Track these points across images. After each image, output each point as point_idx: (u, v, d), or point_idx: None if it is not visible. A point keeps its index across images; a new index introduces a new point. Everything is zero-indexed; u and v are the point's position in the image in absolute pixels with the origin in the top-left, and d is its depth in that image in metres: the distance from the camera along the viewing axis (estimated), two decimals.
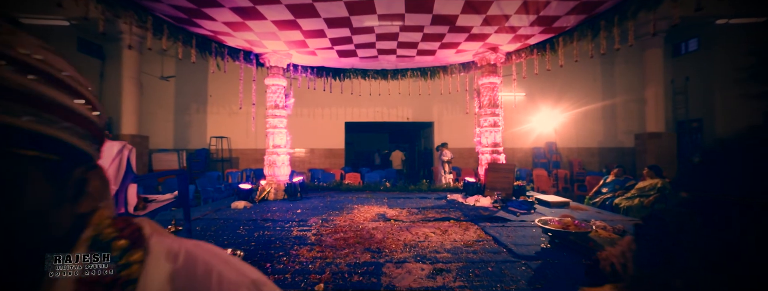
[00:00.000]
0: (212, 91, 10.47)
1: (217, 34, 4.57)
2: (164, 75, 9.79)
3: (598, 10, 3.97)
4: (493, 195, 4.64)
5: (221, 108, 10.51)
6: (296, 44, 4.92)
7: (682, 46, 10.83)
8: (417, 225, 3.35)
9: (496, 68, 5.33)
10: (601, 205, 5.26)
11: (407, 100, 9.88)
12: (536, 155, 10.32)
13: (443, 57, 5.62)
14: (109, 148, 1.89)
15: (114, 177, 1.86)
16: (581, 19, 4.20)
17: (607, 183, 6.00)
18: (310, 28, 4.33)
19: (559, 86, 10.27)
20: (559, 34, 4.61)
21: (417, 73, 6.24)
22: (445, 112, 10.43)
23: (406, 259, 2.37)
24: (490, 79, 5.29)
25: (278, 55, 5.27)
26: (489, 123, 5.27)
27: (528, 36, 4.72)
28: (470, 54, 5.43)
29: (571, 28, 4.44)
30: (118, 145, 1.92)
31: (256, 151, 10.42)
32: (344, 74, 6.36)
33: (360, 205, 4.41)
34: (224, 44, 4.98)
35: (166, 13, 3.92)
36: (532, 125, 10.36)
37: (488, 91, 5.29)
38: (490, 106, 5.29)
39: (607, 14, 3.99)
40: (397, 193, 5.53)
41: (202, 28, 4.39)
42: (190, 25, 4.27)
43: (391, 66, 6.17)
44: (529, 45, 5.07)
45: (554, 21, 4.24)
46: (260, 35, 4.58)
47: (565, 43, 4.62)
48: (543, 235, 2.92)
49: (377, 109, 10.37)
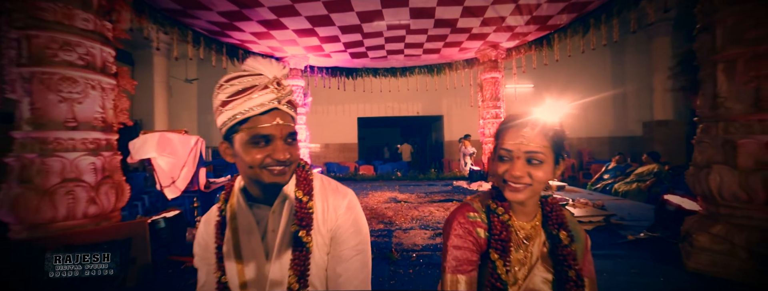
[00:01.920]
0: None
1: (244, 42, 5.26)
2: (188, 78, 10.67)
3: (587, 9, 4.42)
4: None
5: None
6: (313, 49, 5.57)
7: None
8: (423, 205, 3.97)
9: (497, 64, 5.82)
10: (602, 190, 5.72)
11: (417, 95, 10.40)
12: None
13: (448, 55, 6.15)
14: (187, 141, 2.59)
15: (192, 163, 2.56)
16: (573, 16, 4.65)
17: (609, 170, 6.44)
18: (326, 34, 4.96)
19: (567, 77, 10.55)
20: (554, 31, 5.07)
21: (424, 69, 6.80)
22: (454, 105, 10.91)
23: (412, 227, 3.00)
24: (492, 74, 5.79)
25: (297, 58, 5.94)
26: (491, 115, 5.79)
27: (525, 33, 5.19)
28: (473, 51, 5.93)
29: (565, 25, 4.89)
30: (194, 138, 2.62)
31: None
32: (356, 73, 6.98)
33: (374, 191, 5.05)
34: (249, 50, 5.68)
35: (203, 27, 4.63)
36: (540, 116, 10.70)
37: (490, 86, 5.80)
38: (492, 100, 5.80)
39: (595, 13, 4.43)
40: (408, 182, 6.15)
41: (232, 38, 5.09)
42: (222, 36, 4.97)
43: (399, 64, 6.74)
44: (528, 41, 5.53)
45: (548, 19, 4.70)
46: (282, 42, 5.25)
47: (560, 39, 5.07)
48: None
49: (388, 104, 10.95)
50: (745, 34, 1.77)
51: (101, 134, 2.03)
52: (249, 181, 0.72)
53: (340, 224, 0.75)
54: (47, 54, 1.78)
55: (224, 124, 0.66)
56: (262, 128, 0.64)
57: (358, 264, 0.74)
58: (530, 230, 0.77)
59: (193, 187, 2.70)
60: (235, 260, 0.72)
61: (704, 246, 1.89)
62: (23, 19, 1.70)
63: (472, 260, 0.73)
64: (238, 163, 0.69)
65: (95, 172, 1.95)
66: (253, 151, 0.65)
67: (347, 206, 0.76)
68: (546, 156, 0.71)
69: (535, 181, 0.70)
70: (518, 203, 0.75)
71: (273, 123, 0.64)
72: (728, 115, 1.87)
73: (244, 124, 0.64)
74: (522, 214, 0.77)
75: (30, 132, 1.77)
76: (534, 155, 0.70)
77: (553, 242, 0.75)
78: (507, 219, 0.74)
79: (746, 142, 1.77)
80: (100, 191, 1.97)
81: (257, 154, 0.64)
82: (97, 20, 2.00)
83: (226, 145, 0.70)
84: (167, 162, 2.48)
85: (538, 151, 0.70)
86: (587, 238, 0.79)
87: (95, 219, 1.97)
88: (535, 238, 0.77)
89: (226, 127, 0.66)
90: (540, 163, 0.70)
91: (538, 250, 0.76)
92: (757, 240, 1.70)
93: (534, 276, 0.74)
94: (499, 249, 0.71)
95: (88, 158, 1.93)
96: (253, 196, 0.74)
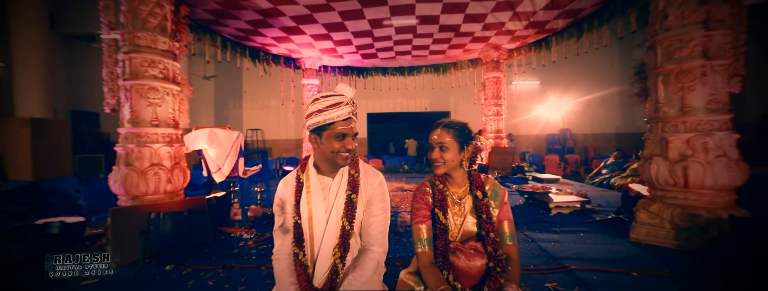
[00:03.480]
0: (246, 88, 12.05)
1: (265, 45, 5.91)
2: (207, 75, 11.45)
3: (580, 15, 4.90)
4: (494, 173, 5.75)
5: (254, 103, 12.09)
6: (328, 51, 6.19)
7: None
8: None
9: (499, 64, 6.33)
10: (600, 184, 6.21)
11: (425, 92, 10.94)
12: (551, 141, 11.10)
13: (453, 55, 6.68)
14: (230, 135, 3.25)
15: (234, 154, 3.21)
16: (569, 21, 5.13)
17: (607, 165, 6.91)
18: (339, 38, 5.56)
19: (573, 74, 10.90)
20: (552, 34, 5.55)
21: (431, 69, 7.35)
22: (461, 101, 11.41)
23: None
24: (494, 74, 6.31)
25: (312, 59, 6.57)
26: (493, 112, 6.33)
27: (525, 36, 5.69)
28: (476, 52, 6.45)
29: (562, 29, 5.37)
30: (235, 133, 3.27)
31: (287, 142, 11.96)
32: (367, 72, 7.58)
33: None
34: (269, 52, 6.33)
35: (231, 33, 5.29)
36: (545, 112, 11.12)
37: (492, 85, 6.33)
38: (493, 98, 6.33)
39: (589, 18, 4.90)
40: (414, 174, 6.76)
41: (254, 42, 5.75)
42: (246, 40, 5.63)
43: (407, 64, 7.31)
44: (528, 43, 6.02)
45: (545, 24, 5.20)
46: (299, 45, 5.88)
47: (558, 42, 5.55)
48: (521, 198, 4.06)
49: (397, 100, 11.52)
50: (674, 54, 2.30)
51: (173, 130, 2.70)
52: (324, 160, 1.16)
53: (373, 193, 1.20)
54: (140, 70, 2.45)
55: (316, 123, 1.08)
56: (341, 129, 1.08)
57: (381, 218, 1.19)
58: (461, 193, 1.24)
59: (234, 173, 3.36)
60: (307, 209, 1.16)
61: (643, 221, 2.45)
62: (127, 45, 2.36)
63: (427, 215, 1.21)
64: (322, 149, 1.12)
65: (170, 159, 2.62)
66: (334, 143, 1.09)
67: (378, 182, 1.22)
68: (451, 145, 1.17)
69: (446, 160, 1.17)
70: (448, 176, 1.23)
71: (348, 126, 1.09)
72: (664, 118, 2.41)
73: (331, 126, 1.08)
74: (455, 184, 1.25)
75: (130, 128, 2.45)
76: (442, 144, 1.17)
77: (475, 199, 1.22)
78: (442, 188, 1.23)
79: (674, 139, 2.32)
80: (174, 173, 2.64)
81: (336, 145, 1.09)
82: (170, 42, 2.65)
83: (315, 137, 1.12)
84: (215, 152, 3.14)
85: (446, 141, 1.17)
86: (504, 195, 1.27)
87: (170, 195, 2.65)
88: (465, 198, 1.24)
89: (317, 125, 1.09)
90: (447, 149, 1.17)
91: (469, 205, 1.22)
92: (677, 214, 2.25)
93: (467, 221, 1.21)
94: (439, 206, 1.20)
95: (166, 148, 2.60)
96: (321, 170, 1.20)
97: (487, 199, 1.21)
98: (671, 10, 2.29)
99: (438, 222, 1.19)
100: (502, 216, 1.22)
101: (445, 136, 1.18)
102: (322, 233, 1.16)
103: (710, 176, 2.15)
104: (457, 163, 1.20)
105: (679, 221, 2.24)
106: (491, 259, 1.15)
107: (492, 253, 1.15)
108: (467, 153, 1.21)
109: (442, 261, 1.16)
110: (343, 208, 1.15)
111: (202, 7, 4.29)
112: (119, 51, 2.36)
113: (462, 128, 1.21)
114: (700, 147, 2.19)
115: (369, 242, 1.18)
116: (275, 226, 1.23)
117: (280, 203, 1.23)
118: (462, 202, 1.24)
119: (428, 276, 1.13)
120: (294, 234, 1.16)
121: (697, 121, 2.23)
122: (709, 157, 2.17)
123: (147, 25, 2.47)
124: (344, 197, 1.16)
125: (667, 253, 2.19)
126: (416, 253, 1.21)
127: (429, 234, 1.20)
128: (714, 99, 2.18)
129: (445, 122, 1.21)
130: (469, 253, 1.18)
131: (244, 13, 4.57)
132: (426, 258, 1.18)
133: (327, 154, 1.13)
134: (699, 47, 2.20)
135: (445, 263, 1.16)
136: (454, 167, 1.21)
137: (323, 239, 1.15)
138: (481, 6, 4.49)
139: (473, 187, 1.23)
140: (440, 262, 1.16)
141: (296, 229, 1.17)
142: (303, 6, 4.37)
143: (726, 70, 2.17)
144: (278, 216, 1.22)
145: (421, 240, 1.19)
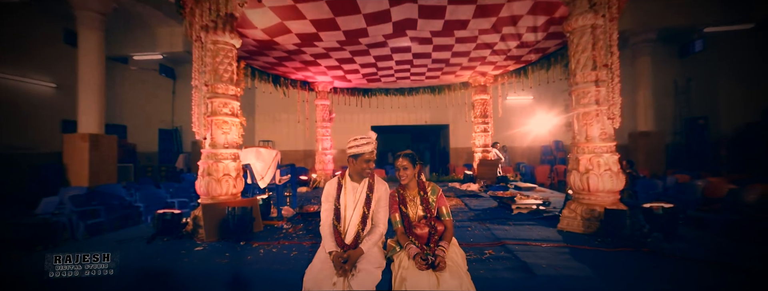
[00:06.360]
0: (259, 103, 13.40)
1: (286, 73, 7.25)
2: None
3: (548, 51, 6.16)
4: (480, 182, 6.94)
5: (266, 116, 13.43)
6: (338, 78, 7.51)
7: (689, 46, 12.32)
8: None
9: (486, 88, 7.60)
10: None
11: (425, 106, 12.20)
12: (544, 152, 12.26)
13: (446, 79, 7.97)
14: (271, 153, 4.50)
15: (274, 167, 4.45)
16: (539, 56, 6.40)
17: None
18: (349, 68, 6.88)
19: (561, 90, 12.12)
20: (528, 64, 6.82)
21: (427, 89, 8.66)
22: (459, 115, 12.67)
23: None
24: (481, 96, 7.57)
25: (324, 83, 7.89)
26: (480, 129, 7.56)
27: (506, 65, 6.97)
28: (466, 77, 7.74)
29: (535, 61, 6.64)
30: (275, 151, 4.53)
31: (296, 153, 13.23)
32: (371, 92, 8.88)
33: None
34: (288, 78, 7.67)
35: (259, 65, 6.62)
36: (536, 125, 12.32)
37: (480, 105, 7.58)
38: (481, 117, 7.57)
39: (554, 54, 6.16)
40: None
41: (277, 71, 7.09)
42: (271, 69, 6.98)
43: (407, 85, 8.60)
44: (509, 71, 7.30)
45: (521, 57, 6.47)
46: (314, 73, 7.20)
47: (534, 70, 6.81)
48: (494, 202, 5.25)
49: (399, 114, 12.80)
50: (581, 100, 3.53)
51: (235, 150, 3.96)
52: (355, 173, 2.33)
53: (381, 195, 2.32)
54: (217, 109, 3.72)
55: (354, 152, 2.26)
56: (367, 156, 2.27)
57: (383, 211, 2.35)
58: (414, 193, 2.39)
59: (272, 181, 4.60)
60: (344, 200, 2.38)
61: (565, 215, 3.63)
62: (209, 92, 3.65)
63: (396, 208, 2.37)
64: (355, 167, 2.29)
65: (235, 171, 3.87)
66: (362, 164, 2.27)
67: (384, 189, 2.36)
68: (408, 166, 2.33)
69: (407, 176, 2.33)
70: (407, 185, 2.39)
71: (371, 155, 2.28)
72: (578, 143, 3.62)
73: (361, 154, 2.27)
74: (409, 188, 2.39)
75: (210, 150, 3.71)
76: (405, 167, 2.33)
77: (421, 197, 2.42)
78: (403, 192, 2.39)
79: (582, 158, 3.52)
80: (236, 181, 3.89)
81: (364, 165, 2.27)
82: (235, 88, 3.93)
83: (352, 159, 2.29)
84: (260, 166, 4.37)
85: (405, 165, 2.34)
86: (439, 191, 2.51)
87: (234, 196, 3.89)
88: (416, 197, 2.42)
89: (354, 153, 2.27)
90: (406, 169, 2.33)
91: (419, 201, 2.39)
92: (584, 209, 3.44)
93: (418, 210, 2.33)
94: (400, 201, 2.38)
95: (232, 163, 3.85)
96: (353, 178, 2.35)
97: (428, 195, 2.42)
98: (578, 71, 3.52)
99: (403, 211, 2.40)
100: (440, 203, 2.43)
101: (405, 161, 2.38)
102: (350, 215, 2.36)
103: (601, 183, 3.34)
104: (412, 176, 2.42)
105: (584, 214, 3.42)
106: (431, 228, 2.35)
107: (431, 225, 2.36)
108: (417, 169, 2.43)
109: (408, 231, 2.37)
110: (364, 201, 2.28)
111: (242, 49, 5.61)
112: (205, 97, 3.63)
113: (413, 156, 2.43)
114: (596, 164, 3.39)
115: (376, 223, 2.34)
116: (322, 208, 2.45)
117: (326, 195, 2.41)
118: (415, 199, 2.44)
119: (402, 239, 2.33)
120: (334, 213, 2.35)
121: (594, 147, 3.44)
122: (600, 171, 3.36)
123: (222, 78, 3.75)
124: (365, 195, 2.31)
125: (575, 235, 3.37)
126: (395, 229, 2.42)
127: (400, 218, 2.40)
128: (603, 132, 3.40)
129: (404, 153, 2.43)
130: (421, 226, 2.39)
131: (273, 52, 5.89)
132: (400, 230, 2.38)
133: (358, 170, 2.35)
134: (593, 97, 3.42)
135: (410, 232, 2.36)
136: (411, 179, 2.42)
137: (351, 218, 2.36)
138: (464, 47, 5.78)
139: (420, 189, 2.45)
140: (407, 232, 2.37)
141: (336, 212, 2.37)
142: (321, 47, 5.69)
143: (607, 113, 3.38)
144: (325, 203, 2.43)
145: (396, 221, 2.39)
